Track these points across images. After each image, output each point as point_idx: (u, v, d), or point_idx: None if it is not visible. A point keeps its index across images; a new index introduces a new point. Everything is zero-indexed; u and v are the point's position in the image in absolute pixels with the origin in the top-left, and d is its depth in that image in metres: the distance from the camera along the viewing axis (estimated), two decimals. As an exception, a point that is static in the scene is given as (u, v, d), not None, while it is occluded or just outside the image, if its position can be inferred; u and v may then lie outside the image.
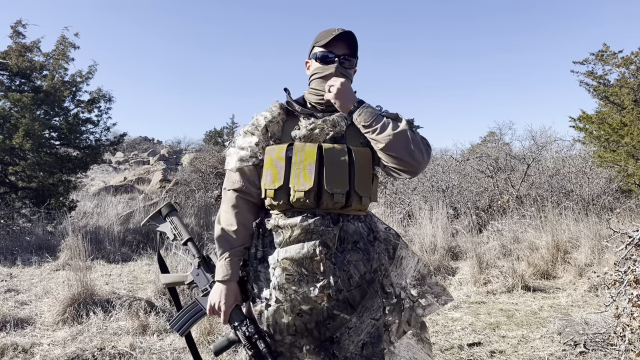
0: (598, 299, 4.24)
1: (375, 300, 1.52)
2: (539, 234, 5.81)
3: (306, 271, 1.46)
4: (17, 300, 4.32)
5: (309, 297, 1.46)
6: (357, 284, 1.49)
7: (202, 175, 11.49)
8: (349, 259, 1.49)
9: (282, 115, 1.58)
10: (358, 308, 1.49)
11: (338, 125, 1.52)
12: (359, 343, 1.48)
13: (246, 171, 1.56)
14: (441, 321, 3.83)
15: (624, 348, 2.75)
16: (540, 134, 10.75)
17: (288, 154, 1.48)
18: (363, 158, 1.51)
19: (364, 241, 1.54)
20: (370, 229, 1.58)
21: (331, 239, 1.47)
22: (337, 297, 1.47)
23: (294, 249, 1.47)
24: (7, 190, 7.81)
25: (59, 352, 3.09)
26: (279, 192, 1.48)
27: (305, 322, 1.49)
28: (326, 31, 1.58)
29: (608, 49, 7.74)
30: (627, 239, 3.10)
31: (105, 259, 6.26)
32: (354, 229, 1.52)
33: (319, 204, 1.47)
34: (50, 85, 7.70)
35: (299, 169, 1.46)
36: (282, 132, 1.57)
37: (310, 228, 1.46)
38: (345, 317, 1.48)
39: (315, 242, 1.46)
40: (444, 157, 11.99)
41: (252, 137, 1.57)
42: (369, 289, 1.51)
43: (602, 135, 7.80)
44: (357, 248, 1.52)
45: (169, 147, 28.89)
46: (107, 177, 17.61)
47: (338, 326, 1.48)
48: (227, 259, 1.53)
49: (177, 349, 3.19)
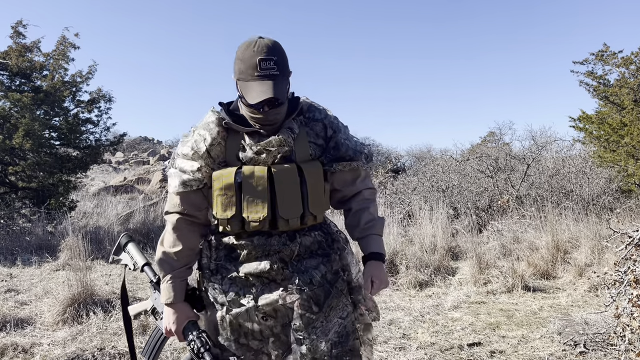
0: (598, 299, 4.24)
1: (340, 299, 1.51)
2: (539, 234, 5.81)
3: (267, 280, 1.48)
4: (17, 300, 4.32)
5: (272, 300, 1.45)
6: (319, 284, 1.48)
7: (202, 175, 11.47)
8: (306, 264, 1.50)
9: (222, 134, 1.48)
10: (323, 307, 1.47)
11: (286, 144, 1.45)
12: (327, 343, 1.46)
13: (189, 195, 1.50)
14: (441, 321, 3.83)
15: (624, 348, 2.75)
16: (540, 134, 10.77)
17: (237, 179, 1.43)
18: (314, 176, 1.48)
19: (322, 247, 1.55)
20: (327, 233, 1.59)
21: (288, 254, 1.48)
22: (302, 296, 1.45)
23: (251, 266, 1.48)
24: (7, 190, 7.81)
25: (59, 352, 3.10)
26: (232, 221, 1.45)
27: (271, 326, 1.47)
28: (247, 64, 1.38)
29: (608, 49, 7.74)
30: (627, 239, 3.10)
31: (105, 259, 6.25)
32: (311, 240, 1.52)
33: (275, 228, 1.46)
34: (50, 85, 7.70)
35: (251, 196, 1.42)
36: (226, 151, 1.48)
37: (265, 248, 1.47)
38: (312, 316, 1.45)
39: (272, 258, 1.47)
40: (444, 157, 12.00)
41: (193, 162, 1.48)
42: (332, 289, 1.50)
43: (602, 135, 7.80)
44: (315, 254, 1.53)
45: (169, 147, 28.89)
46: (107, 177, 17.61)
47: (305, 326, 1.45)
48: (169, 281, 1.50)
49: (177, 349, 3.19)
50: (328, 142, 1.56)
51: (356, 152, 1.57)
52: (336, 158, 1.56)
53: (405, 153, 17.10)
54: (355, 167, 1.57)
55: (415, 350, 3.20)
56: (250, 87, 1.38)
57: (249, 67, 1.38)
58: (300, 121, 1.53)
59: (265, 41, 1.39)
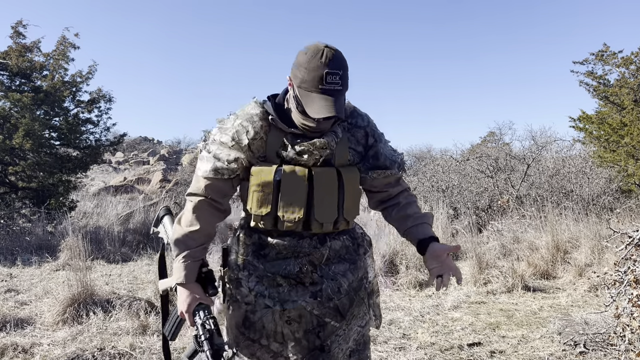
0: (598, 299, 4.24)
1: (361, 307, 1.53)
2: (539, 234, 5.81)
3: (295, 282, 1.47)
4: (17, 300, 4.32)
5: (298, 304, 1.45)
6: (346, 292, 1.49)
7: (202, 175, 11.49)
8: (335, 270, 1.50)
9: (265, 128, 1.45)
10: (347, 316, 1.49)
11: (329, 147, 1.44)
12: (347, 351, 1.48)
13: (217, 182, 1.47)
14: (441, 321, 3.83)
15: (624, 348, 2.75)
16: (540, 134, 10.77)
17: (276, 178, 1.41)
18: (352, 181, 1.49)
19: (349, 252, 1.55)
20: (354, 237, 1.59)
21: (318, 257, 1.48)
22: (328, 305, 1.46)
23: (279, 265, 1.47)
24: (7, 190, 7.81)
25: (59, 352, 3.10)
26: (266, 218, 1.44)
27: (294, 330, 1.46)
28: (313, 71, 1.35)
29: (608, 49, 7.75)
30: (627, 239, 3.10)
31: (105, 259, 6.26)
32: (340, 244, 1.53)
33: (307, 229, 1.45)
34: (50, 85, 7.70)
35: (288, 196, 1.41)
36: (266, 147, 1.46)
37: (296, 249, 1.46)
38: (335, 324, 1.47)
39: (301, 260, 1.46)
40: (444, 157, 12.00)
41: (231, 152, 1.44)
42: (355, 297, 1.52)
43: (602, 135, 7.80)
44: (343, 259, 1.53)
45: (169, 147, 28.89)
46: (107, 177, 17.61)
47: (329, 334, 1.46)
48: (181, 261, 1.45)
49: (177, 349, 3.19)
50: (368, 150, 1.56)
51: (392, 162, 1.58)
52: (373, 166, 1.57)
53: (405, 153, 17.10)
54: (388, 175, 1.57)
55: (415, 350, 3.19)
56: (312, 100, 1.35)
57: (313, 78, 1.34)
58: (344, 126, 1.52)
59: (332, 52, 1.36)
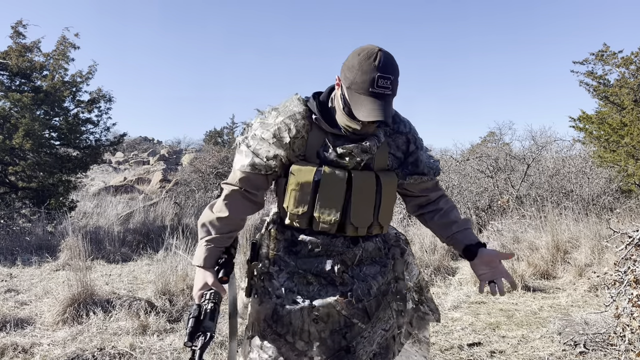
0: (598, 299, 4.23)
1: (386, 311, 1.53)
2: (539, 234, 5.81)
3: (325, 281, 1.48)
4: (17, 300, 4.32)
5: (328, 302, 1.44)
6: (375, 295, 1.50)
7: (202, 175, 11.49)
8: (366, 271, 1.51)
9: (307, 127, 1.45)
10: (373, 318, 1.49)
11: (370, 151, 1.44)
12: (370, 353, 1.48)
13: (254, 177, 1.49)
14: (442, 321, 3.83)
15: (624, 348, 2.75)
16: (540, 134, 10.74)
17: (315, 178, 1.41)
18: (390, 187, 1.49)
19: (380, 255, 1.57)
20: (385, 240, 1.61)
21: (350, 258, 1.49)
22: (357, 306, 1.46)
23: (311, 262, 1.48)
24: (7, 190, 7.81)
25: (59, 352, 3.09)
26: (302, 218, 1.45)
27: (320, 330, 1.45)
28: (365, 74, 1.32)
29: (608, 49, 7.74)
30: (627, 239, 3.10)
31: (105, 259, 6.26)
32: (373, 246, 1.54)
33: (342, 231, 1.47)
34: (50, 85, 7.70)
35: (326, 198, 1.42)
36: (306, 146, 1.46)
37: (329, 248, 1.48)
38: (362, 326, 1.47)
39: (333, 259, 1.47)
40: (444, 157, 11.99)
41: (271, 148, 1.45)
42: (382, 300, 1.52)
43: (602, 135, 7.80)
44: (374, 262, 1.55)
45: (169, 147, 28.90)
46: (107, 177, 17.61)
47: (355, 335, 1.46)
48: (204, 244, 1.47)
49: (177, 348, 3.19)
50: (408, 156, 1.56)
51: (429, 169, 1.60)
52: (412, 172, 1.57)
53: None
54: (425, 181, 1.59)
55: (415, 350, 3.19)
56: (361, 102, 1.33)
57: (365, 80, 1.32)
58: (386, 131, 1.51)
59: (385, 56, 1.34)
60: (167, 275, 4.31)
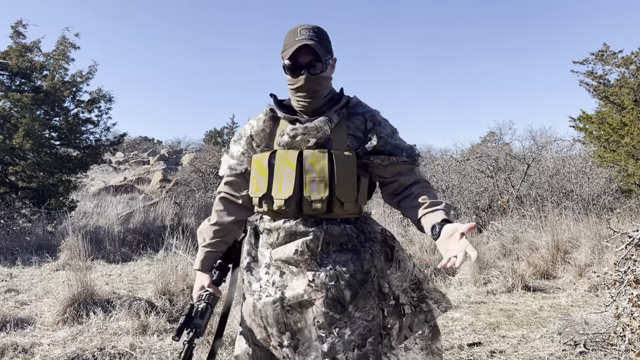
0: (598, 299, 4.23)
1: (367, 301, 1.49)
2: (539, 234, 5.81)
3: (295, 268, 1.50)
4: (17, 300, 4.32)
5: (297, 293, 1.47)
6: (347, 283, 1.47)
7: (202, 175, 11.49)
8: (335, 258, 1.49)
9: (268, 122, 1.60)
10: (349, 308, 1.46)
11: (321, 130, 1.50)
12: (350, 344, 1.44)
13: (233, 178, 1.67)
14: (441, 321, 3.83)
15: (624, 348, 2.75)
16: (540, 134, 10.76)
17: (271, 162, 1.51)
18: (344, 163, 1.48)
19: (352, 242, 1.53)
20: (360, 230, 1.56)
21: (313, 240, 1.48)
22: (327, 295, 1.45)
23: (281, 250, 1.52)
24: (7, 190, 7.81)
25: (59, 352, 3.09)
26: (263, 200, 1.53)
27: (296, 320, 1.49)
28: (289, 36, 1.52)
29: (608, 49, 7.74)
30: (627, 239, 3.10)
31: (105, 259, 6.26)
32: (340, 231, 1.51)
33: (300, 210, 1.49)
34: (50, 85, 7.70)
35: (280, 176, 1.49)
36: (270, 138, 1.60)
37: (292, 230, 1.50)
38: (335, 316, 1.45)
39: (298, 242, 1.48)
40: (444, 157, 11.99)
41: (239, 146, 1.65)
42: (360, 289, 1.49)
43: (602, 135, 7.80)
44: (345, 249, 1.51)
45: (169, 147, 28.90)
46: (107, 177, 17.61)
47: (327, 325, 1.45)
48: (200, 250, 1.66)
49: (177, 348, 3.19)
50: (367, 134, 1.57)
51: (396, 148, 1.56)
52: (375, 151, 1.55)
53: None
54: (395, 162, 1.55)
55: (415, 350, 3.19)
56: (290, 49, 1.49)
57: (290, 39, 1.50)
58: (343, 114, 1.57)
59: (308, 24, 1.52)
60: (167, 275, 4.31)
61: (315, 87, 1.52)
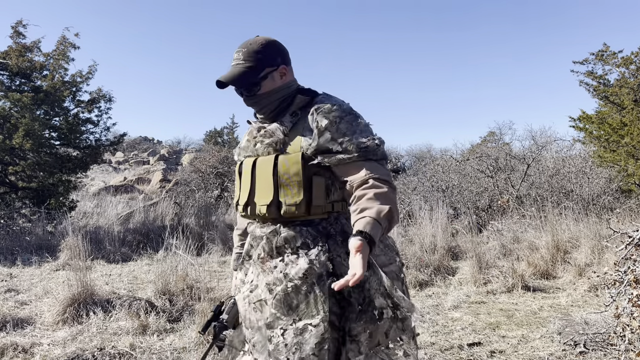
0: (598, 299, 4.24)
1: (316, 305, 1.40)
2: (539, 234, 5.81)
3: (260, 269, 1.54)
4: (17, 300, 4.32)
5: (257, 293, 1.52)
6: (294, 286, 1.42)
7: (202, 175, 11.50)
8: (288, 261, 1.47)
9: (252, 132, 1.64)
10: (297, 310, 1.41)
11: (274, 135, 1.54)
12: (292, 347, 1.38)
13: None
14: (441, 321, 3.83)
15: (624, 348, 2.75)
16: (540, 134, 10.77)
17: (240, 170, 1.63)
18: (285, 165, 1.46)
19: (308, 245, 1.47)
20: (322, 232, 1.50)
21: (267, 243, 1.53)
22: (275, 296, 1.43)
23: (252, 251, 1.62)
24: (7, 190, 7.81)
25: (59, 352, 3.10)
26: (237, 205, 1.66)
27: (258, 319, 1.49)
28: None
29: (608, 49, 7.75)
30: (627, 239, 3.10)
31: (105, 259, 6.26)
32: (292, 235, 1.48)
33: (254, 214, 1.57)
34: (50, 85, 7.70)
35: (241, 184, 1.62)
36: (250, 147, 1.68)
37: (254, 234, 1.60)
38: (281, 317, 1.42)
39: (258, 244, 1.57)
40: (444, 157, 12.00)
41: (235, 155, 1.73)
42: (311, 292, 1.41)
43: (602, 135, 7.80)
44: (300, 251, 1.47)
45: (169, 147, 28.90)
46: (107, 177, 17.62)
47: (274, 326, 1.42)
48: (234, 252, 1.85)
49: (177, 348, 3.19)
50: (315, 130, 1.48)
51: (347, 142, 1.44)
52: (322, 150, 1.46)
53: (405, 153, 17.16)
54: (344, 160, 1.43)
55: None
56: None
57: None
58: (295, 113, 1.55)
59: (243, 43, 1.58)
60: (167, 275, 4.31)
61: (257, 103, 1.58)
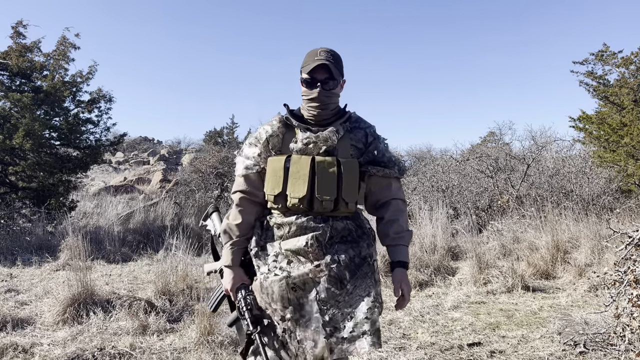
0: (598, 299, 4.24)
1: (365, 280, 1.74)
2: (539, 234, 5.81)
3: (303, 258, 1.73)
4: (17, 300, 4.32)
5: (303, 272, 1.70)
6: (345, 265, 1.72)
7: (202, 175, 11.48)
8: (337, 248, 1.74)
9: (281, 129, 1.81)
10: (347, 285, 1.71)
11: (330, 140, 1.75)
12: (347, 315, 1.69)
13: (250, 177, 1.84)
14: (441, 321, 3.83)
15: (624, 348, 2.75)
16: (540, 134, 10.75)
17: (286, 165, 1.74)
18: (350, 169, 1.74)
19: (352, 235, 1.79)
20: (358, 225, 1.82)
21: (321, 234, 1.72)
22: (329, 274, 1.69)
23: (291, 242, 1.74)
24: (7, 190, 7.81)
25: (59, 352, 3.10)
26: (278, 197, 1.75)
27: (299, 297, 1.71)
28: (310, 55, 1.78)
29: (608, 49, 7.75)
30: (627, 239, 3.10)
31: (105, 259, 6.26)
32: (342, 226, 1.77)
33: (311, 208, 1.73)
34: (50, 85, 7.70)
35: (295, 178, 1.72)
36: (282, 143, 1.81)
37: (303, 225, 1.73)
38: (336, 291, 1.70)
39: (308, 235, 1.72)
40: (444, 157, 11.99)
41: (256, 149, 1.84)
42: (358, 271, 1.74)
43: (602, 135, 7.80)
44: (346, 240, 1.77)
45: (169, 147, 28.88)
46: (107, 177, 17.61)
47: (329, 299, 1.69)
48: (229, 248, 1.83)
49: (177, 348, 3.19)
50: (367, 147, 1.83)
51: (390, 161, 1.84)
52: (372, 162, 1.83)
53: (405, 153, 17.14)
54: (387, 174, 1.83)
55: (415, 350, 3.20)
56: (309, 65, 1.74)
57: (310, 57, 1.76)
58: (346, 127, 1.81)
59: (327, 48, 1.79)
60: (167, 275, 4.31)
61: (326, 100, 1.77)
